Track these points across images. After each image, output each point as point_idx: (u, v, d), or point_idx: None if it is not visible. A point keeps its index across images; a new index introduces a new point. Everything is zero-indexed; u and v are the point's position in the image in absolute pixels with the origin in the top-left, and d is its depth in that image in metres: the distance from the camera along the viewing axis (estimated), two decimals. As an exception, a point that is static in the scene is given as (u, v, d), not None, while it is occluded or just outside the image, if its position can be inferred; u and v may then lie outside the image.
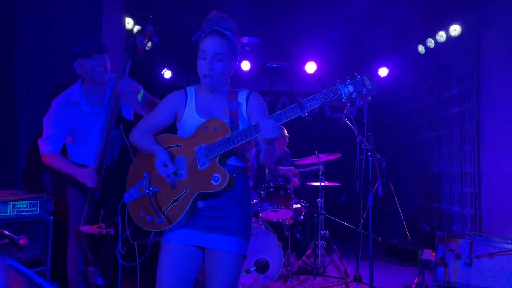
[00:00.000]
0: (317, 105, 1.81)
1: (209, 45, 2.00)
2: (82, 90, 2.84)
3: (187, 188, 1.97)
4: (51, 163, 2.83)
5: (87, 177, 2.69)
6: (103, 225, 2.58)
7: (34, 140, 3.34)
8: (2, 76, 3.41)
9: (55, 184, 3.40)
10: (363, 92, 1.79)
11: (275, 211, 4.36)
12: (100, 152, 2.74)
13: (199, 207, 1.99)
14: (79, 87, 2.86)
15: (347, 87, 1.80)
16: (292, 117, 1.83)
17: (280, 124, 1.84)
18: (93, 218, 2.65)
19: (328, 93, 1.81)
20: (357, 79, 1.80)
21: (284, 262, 4.12)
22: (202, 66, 2.02)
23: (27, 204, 2.59)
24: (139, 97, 2.73)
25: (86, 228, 2.60)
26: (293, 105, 1.83)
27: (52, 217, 2.65)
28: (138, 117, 2.72)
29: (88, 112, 2.82)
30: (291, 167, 5.22)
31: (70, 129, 2.83)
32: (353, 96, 1.79)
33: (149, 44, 2.74)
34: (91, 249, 2.64)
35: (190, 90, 2.14)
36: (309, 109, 1.81)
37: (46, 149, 2.82)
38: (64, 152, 2.91)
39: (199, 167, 1.96)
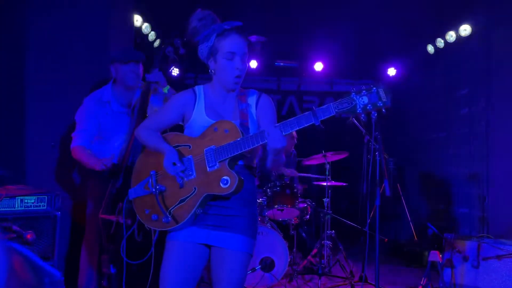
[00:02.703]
0: (331, 115, 1.78)
1: (236, 45, 2.00)
2: (112, 91, 3.04)
3: (195, 189, 1.95)
4: (78, 156, 2.94)
5: (97, 162, 2.80)
6: (120, 216, 2.61)
7: (43, 136, 3.38)
8: (12, 74, 3.44)
9: (66, 180, 3.43)
10: (378, 105, 1.75)
11: (281, 210, 4.35)
12: (123, 150, 2.88)
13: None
14: (110, 88, 3.05)
15: (362, 98, 1.76)
16: (305, 125, 1.80)
17: (292, 131, 1.82)
18: (111, 210, 2.69)
19: (343, 103, 1.78)
20: (373, 90, 1.76)
21: (290, 261, 4.11)
22: (231, 67, 2.00)
23: (35, 199, 2.61)
24: (165, 89, 2.95)
25: (105, 216, 2.66)
26: (306, 113, 1.80)
27: (59, 212, 2.67)
28: None
29: (117, 111, 3.01)
30: (293, 170, 5.17)
31: (99, 126, 2.98)
32: (368, 108, 1.76)
33: (176, 55, 3.03)
34: (107, 237, 2.67)
35: (199, 89, 2.11)
36: (322, 118, 1.78)
37: (75, 143, 2.96)
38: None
39: (208, 169, 1.94)
